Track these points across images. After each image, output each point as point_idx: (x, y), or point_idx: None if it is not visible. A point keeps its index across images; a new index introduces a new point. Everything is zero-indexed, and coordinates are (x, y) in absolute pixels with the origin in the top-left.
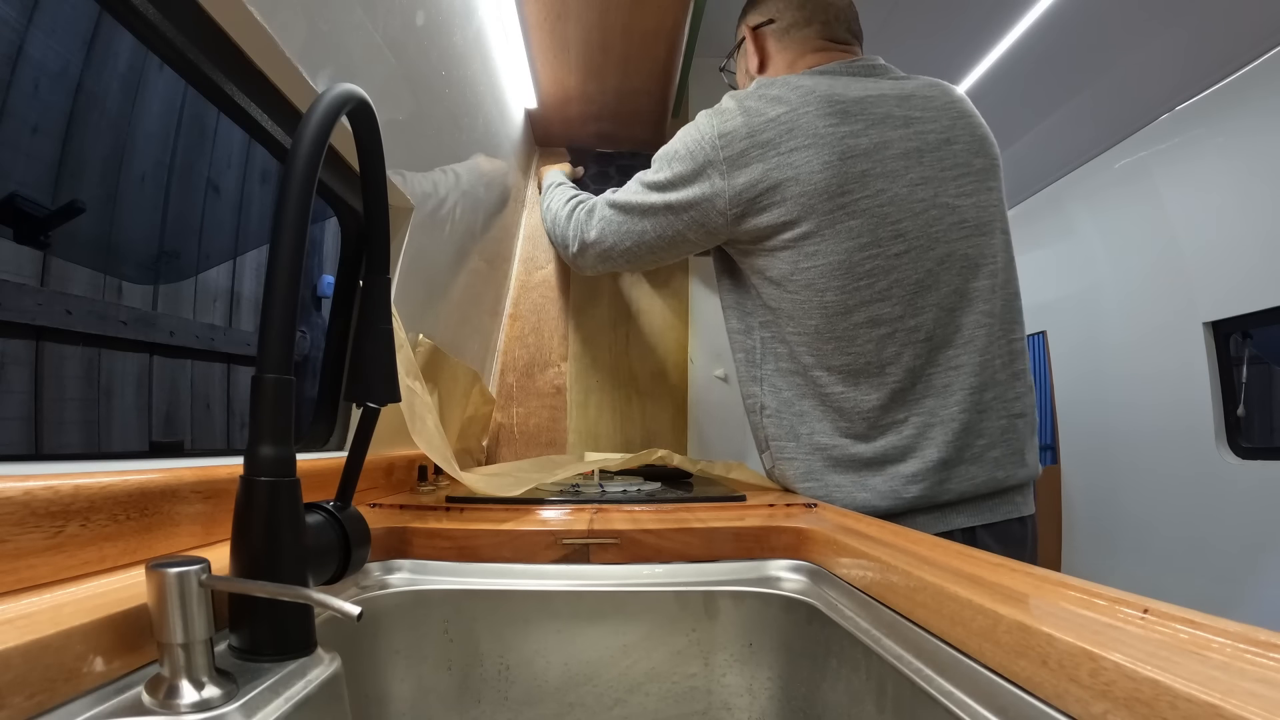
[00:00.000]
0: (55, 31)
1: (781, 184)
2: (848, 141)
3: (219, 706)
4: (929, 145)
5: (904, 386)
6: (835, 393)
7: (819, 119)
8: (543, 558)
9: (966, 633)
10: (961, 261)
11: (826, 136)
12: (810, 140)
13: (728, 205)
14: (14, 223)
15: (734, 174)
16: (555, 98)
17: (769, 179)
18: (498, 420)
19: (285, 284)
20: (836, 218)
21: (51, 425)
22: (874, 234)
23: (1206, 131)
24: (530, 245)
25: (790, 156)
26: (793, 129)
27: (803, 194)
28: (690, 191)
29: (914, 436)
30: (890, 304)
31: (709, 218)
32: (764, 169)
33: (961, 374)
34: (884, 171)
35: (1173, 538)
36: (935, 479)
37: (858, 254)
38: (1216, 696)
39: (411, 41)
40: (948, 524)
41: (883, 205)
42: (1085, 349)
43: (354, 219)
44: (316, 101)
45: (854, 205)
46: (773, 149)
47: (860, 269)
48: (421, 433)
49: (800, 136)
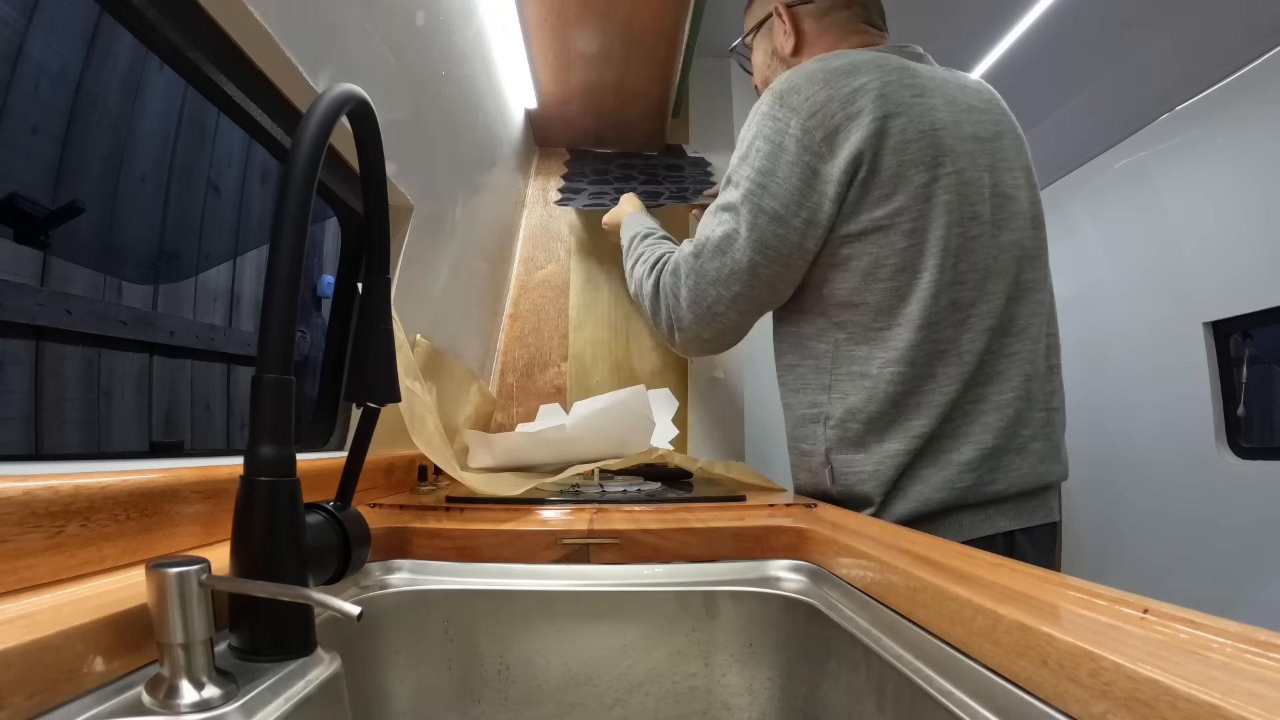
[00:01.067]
0: (55, 31)
1: (880, 153)
2: (932, 115)
3: (219, 706)
4: (987, 135)
5: (971, 373)
6: (916, 388)
7: (903, 90)
8: (543, 558)
9: (967, 633)
10: (1019, 251)
11: (914, 107)
12: (901, 109)
13: (836, 189)
14: (14, 223)
15: (834, 152)
16: (555, 98)
17: (869, 147)
18: (498, 420)
19: (285, 284)
20: (930, 191)
21: (51, 425)
22: (958, 211)
23: (1206, 131)
24: (530, 245)
25: (883, 124)
26: (882, 96)
27: (901, 165)
28: (789, 188)
29: (971, 423)
30: (967, 288)
31: (819, 210)
32: (862, 138)
33: (1015, 362)
34: (962, 150)
35: (1173, 538)
36: (986, 468)
37: (947, 231)
38: (1216, 696)
39: (411, 41)
40: (992, 526)
41: (963, 184)
42: (1085, 349)
43: (354, 219)
44: (316, 101)
45: (945, 179)
46: (866, 116)
47: (950, 247)
48: (421, 433)
49: (889, 104)
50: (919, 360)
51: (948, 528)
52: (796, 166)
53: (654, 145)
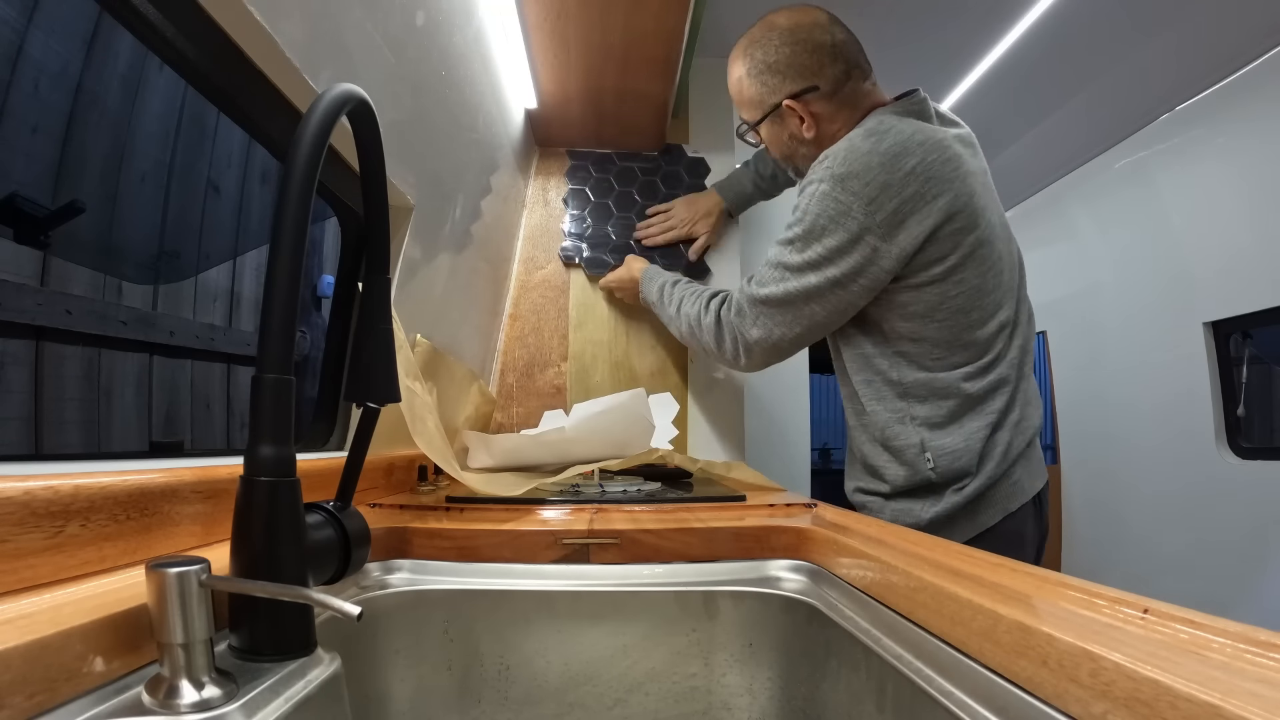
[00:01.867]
0: (55, 31)
1: (935, 230)
2: (968, 182)
3: (219, 706)
4: (977, 170)
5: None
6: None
7: (945, 167)
8: (543, 558)
9: (966, 633)
10: (1010, 261)
11: (953, 177)
12: (945, 185)
13: (894, 264)
14: (14, 223)
15: (893, 234)
16: (555, 98)
17: (925, 229)
18: (498, 420)
19: (285, 284)
20: (975, 248)
21: (51, 425)
22: (992, 252)
23: (1206, 131)
24: (530, 245)
25: (937, 204)
26: (930, 178)
27: (951, 234)
28: (851, 262)
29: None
30: (1007, 308)
31: (877, 279)
32: (918, 222)
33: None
34: (981, 192)
35: (1173, 538)
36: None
37: (988, 273)
38: (1216, 696)
39: (411, 41)
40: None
41: (990, 224)
42: (1085, 349)
43: (354, 219)
44: (316, 101)
45: (981, 233)
46: (921, 200)
47: (989, 284)
48: (422, 434)
49: (937, 183)
50: (973, 373)
51: (1013, 492)
52: (860, 245)
53: (654, 145)
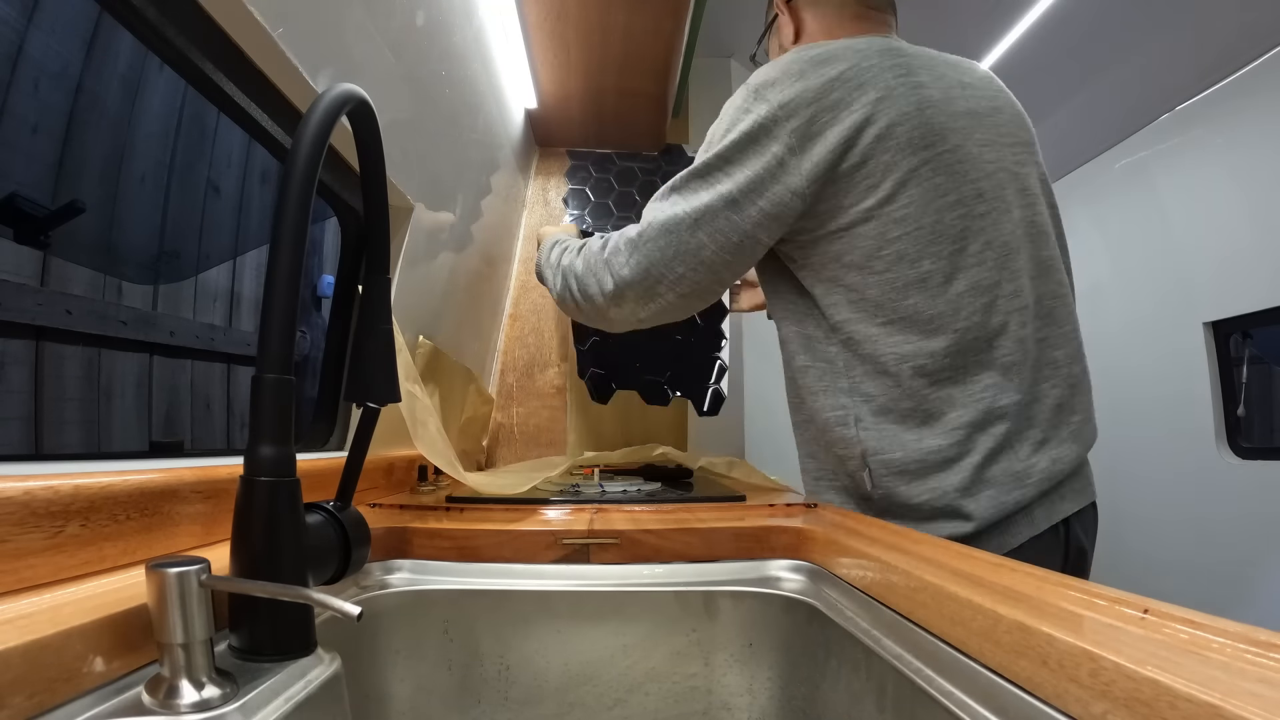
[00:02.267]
0: (55, 31)
1: (861, 145)
2: (921, 93)
3: (219, 706)
4: (983, 110)
5: (1013, 361)
6: (947, 380)
7: (887, 71)
8: (543, 558)
9: (966, 633)
10: (1031, 229)
11: (899, 87)
12: (884, 93)
13: (805, 183)
14: (14, 223)
15: (807, 145)
16: (555, 98)
17: (847, 141)
18: (498, 420)
19: (285, 284)
20: (923, 174)
21: (51, 425)
22: (959, 190)
23: (1206, 131)
24: (530, 245)
25: (865, 112)
26: (861, 83)
27: (885, 151)
28: (750, 173)
29: (1024, 418)
30: (987, 269)
31: (783, 204)
32: (839, 132)
33: (1049, 347)
34: (956, 127)
35: (1173, 538)
36: (1047, 459)
37: (948, 213)
38: (1216, 697)
39: (411, 41)
40: (1058, 513)
41: (960, 161)
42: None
43: (354, 219)
44: (316, 101)
45: (937, 160)
46: (844, 107)
47: (953, 229)
48: (423, 437)
49: (871, 89)
50: (940, 352)
51: (1021, 525)
52: (763, 158)
53: (654, 145)
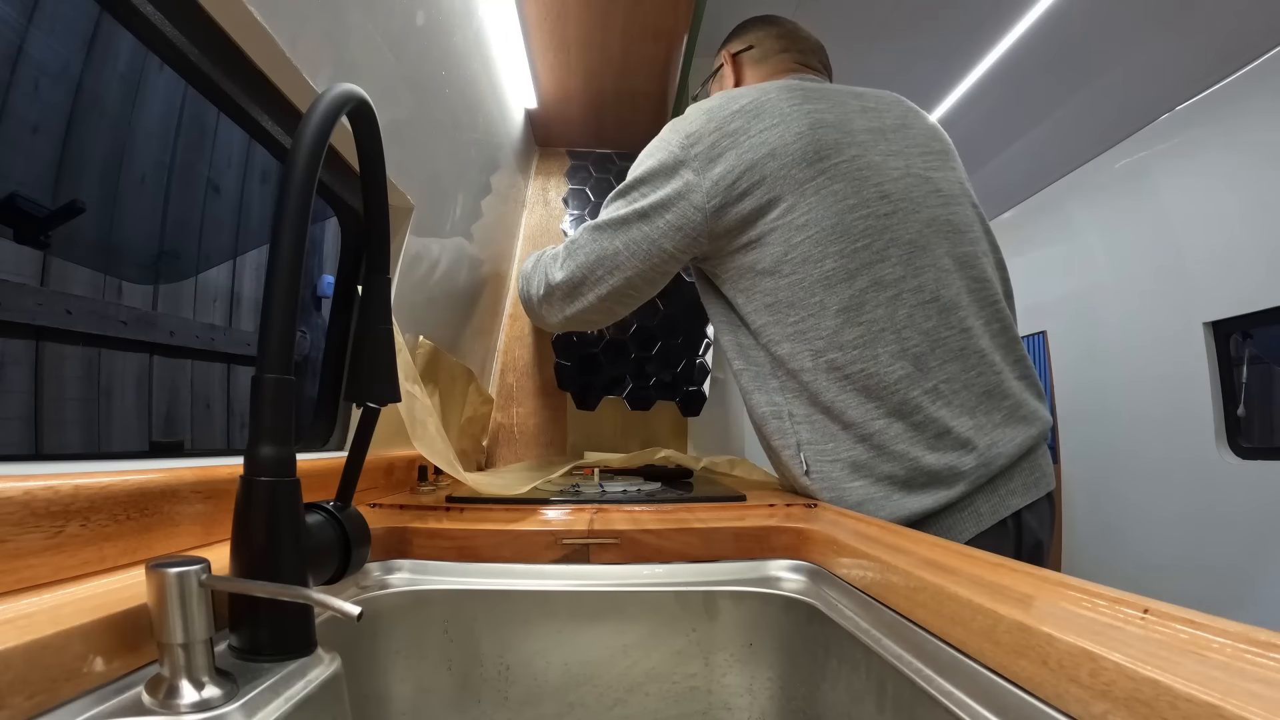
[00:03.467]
0: (55, 31)
1: (757, 164)
2: (814, 115)
3: (219, 706)
4: (889, 127)
5: (923, 351)
6: (859, 372)
7: (783, 101)
8: (543, 558)
9: (966, 633)
10: (945, 227)
11: (793, 113)
12: (779, 119)
13: (705, 199)
14: (14, 223)
15: (708, 167)
16: (555, 98)
17: (744, 162)
18: (498, 420)
19: (285, 284)
20: (820, 183)
21: (51, 425)
22: (859, 195)
23: (1206, 131)
24: (530, 245)
25: (762, 136)
26: (759, 112)
27: (781, 167)
28: (662, 192)
29: (947, 405)
30: (890, 264)
31: (687, 218)
32: (738, 155)
33: (972, 336)
34: (854, 141)
35: (1173, 537)
36: (983, 445)
37: (848, 215)
38: (1216, 696)
39: (411, 41)
40: (1006, 507)
41: (860, 169)
42: (1085, 349)
43: (354, 219)
44: (316, 101)
45: (833, 169)
46: (743, 134)
47: (855, 229)
48: (423, 437)
49: (768, 117)
50: (852, 344)
51: (966, 519)
52: (671, 177)
53: None
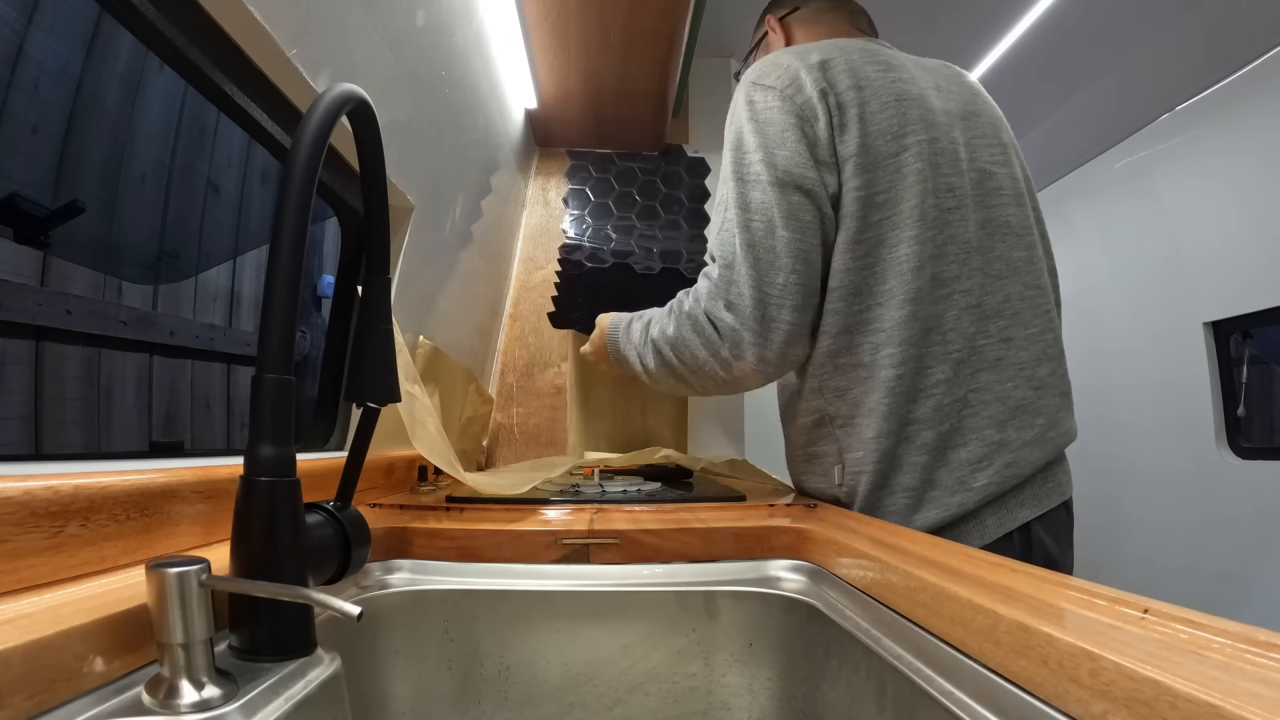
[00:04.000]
0: (55, 31)
1: (846, 125)
2: (899, 86)
3: (219, 706)
4: (958, 110)
5: (963, 358)
6: (909, 372)
7: (866, 65)
8: (543, 558)
9: (966, 633)
10: (1004, 229)
11: (878, 80)
12: (864, 82)
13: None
14: (14, 223)
15: (817, 115)
16: (555, 98)
17: (839, 118)
18: (498, 420)
19: (285, 284)
20: (902, 160)
21: (51, 425)
22: (933, 182)
23: (1206, 131)
24: (530, 245)
25: (850, 95)
26: (849, 69)
27: (867, 135)
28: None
29: (974, 416)
30: (946, 262)
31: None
32: (832, 105)
33: (1013, 348)
34: (932, 121)
35: (1173, 537)
36: (1000, 463)
37: (926, 200)
38: (1216, 696)
39: (411, 41)
40: (1013, 520)
41: (936, 155)
42: (1085, 349)
43: (354, 219)
44: (316, 101)
45: (915, 148)
46: (833, 91)
47: (928, 217)
48: (423, 438)
49: (854, 76)
50: (909, 340)
51: (971, 532)
52: (791, 131)
53: (654, 145)
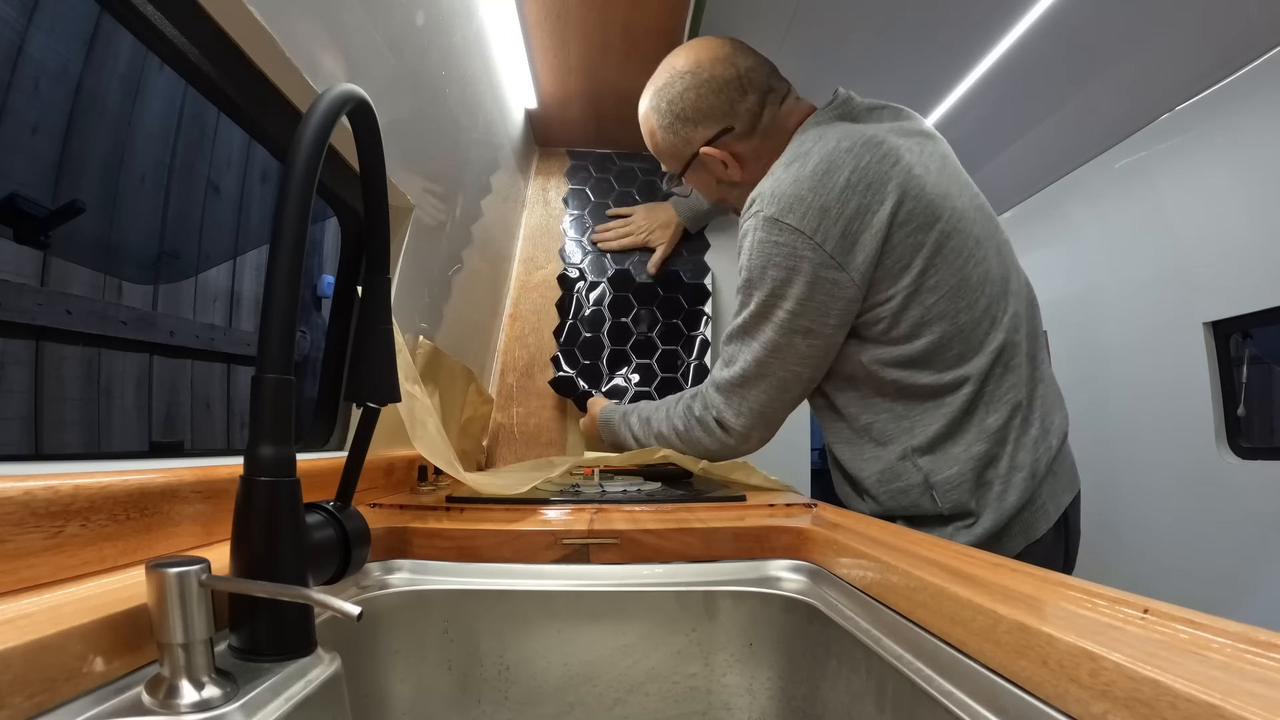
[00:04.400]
0: (55, 31)
1: (888, 239)
2: (911, 173)
3: (219, 706)
4: (943, 163)
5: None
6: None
7: (878, 164)
8: (543, 558)
9: (966, 633)
10: (1003, 247)
11: (891, 174)
12: (886, 188)
13: (858, 289)
14: (14, 223)
15: (849, 258)
16: (555, 98)
17: (879, 239)
18: (498, 420)
19: (285, 284)
20: (940, 242)
21: (51, 425)
22: (966, 246)
23: (1206, 131)
24: (530, 245)
25: (883, 210)
26: (869, 184)
27: (907, 235)
28: (816, 304)
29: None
30: (990, 297)
31: (847, 311)
32: (872, 236)
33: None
34: (942, 190)
35: (1173, 538)
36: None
37: (966, 267)
38: (1216, 696)
39: (411, 41)
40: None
41: (958, 220)
42: (1085, 349)
43: (354, 219)
44: (316, 101)
45: (944, 226)
46: (867, 212)
47: (971, 279)
48: (423, 438)
49: (878, 187)
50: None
51: (1037, 514)
52: (820, 283)
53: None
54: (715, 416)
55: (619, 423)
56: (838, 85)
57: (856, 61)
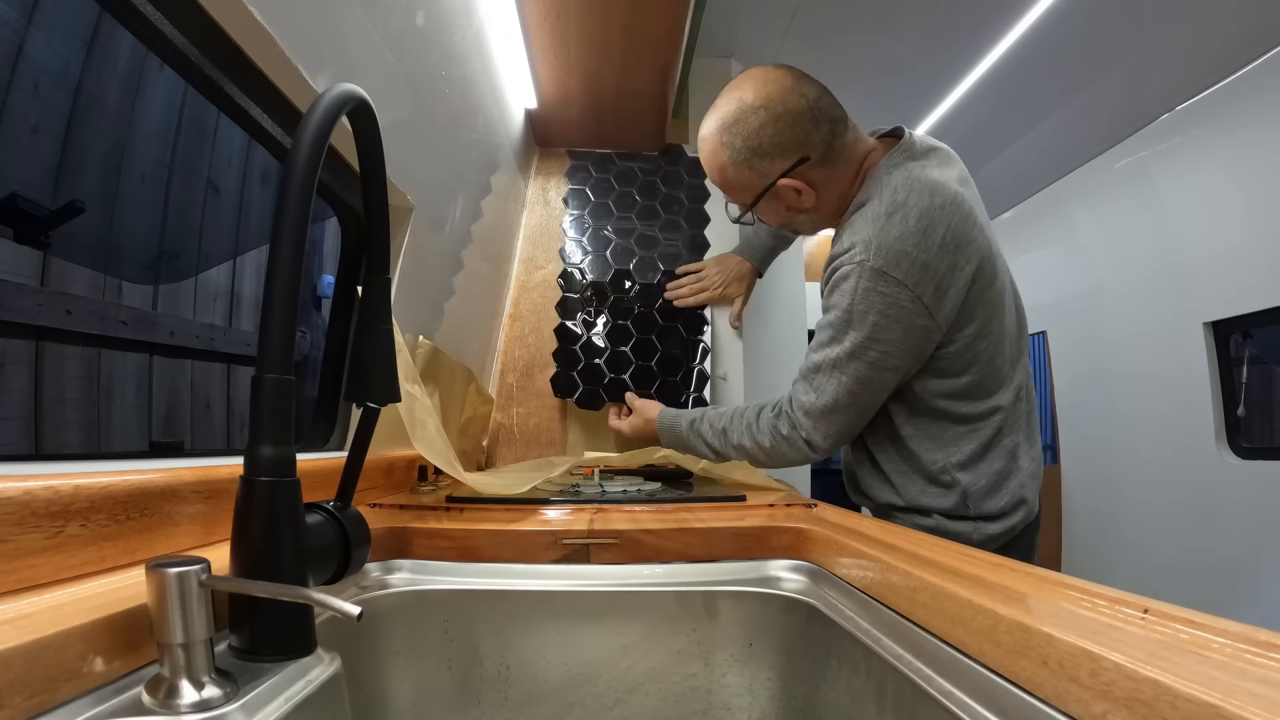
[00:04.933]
0: (55, 31)
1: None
2: (986, 233)
3: (219, 706)
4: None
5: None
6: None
7: (963, 224)
8: (543, 558)
9: (966, 633)
10: (1016, 295)
11: (974, 236)
12: (971, 249)
13: (942, 331)
14: (14, 223)
15: (939, 308)
16: (555, 98)
17: (962, 294)
18: (498, 420)
19: (285, 284)
20: (997, 300)
21: (51, 425)
22: (1004, 295)
23: (1206, 131)
24: (530, 245)
25: (968, 269)
26: (958, 244)
27: (980, 291)
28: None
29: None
30: (1014, 334)
31: (929, 349)
32: (958, 291)
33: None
34: (992, 236)
35: (1173, 538)
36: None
37: (1006, 318)
38: (1216, 696)
39: (411, 41)
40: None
41: (1002, 267)
42: (1085, 349)
43: (354, 219)
44: (316, 101)
45: (1000, 280)
46: (956, 270)
47: (1009, 332)
48: (423, 437)
49: (965, 248)
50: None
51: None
52: (913, 329)
53: (654, 145)
54: (805, 437)
55: (687, 431)
56: (837, 86)
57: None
